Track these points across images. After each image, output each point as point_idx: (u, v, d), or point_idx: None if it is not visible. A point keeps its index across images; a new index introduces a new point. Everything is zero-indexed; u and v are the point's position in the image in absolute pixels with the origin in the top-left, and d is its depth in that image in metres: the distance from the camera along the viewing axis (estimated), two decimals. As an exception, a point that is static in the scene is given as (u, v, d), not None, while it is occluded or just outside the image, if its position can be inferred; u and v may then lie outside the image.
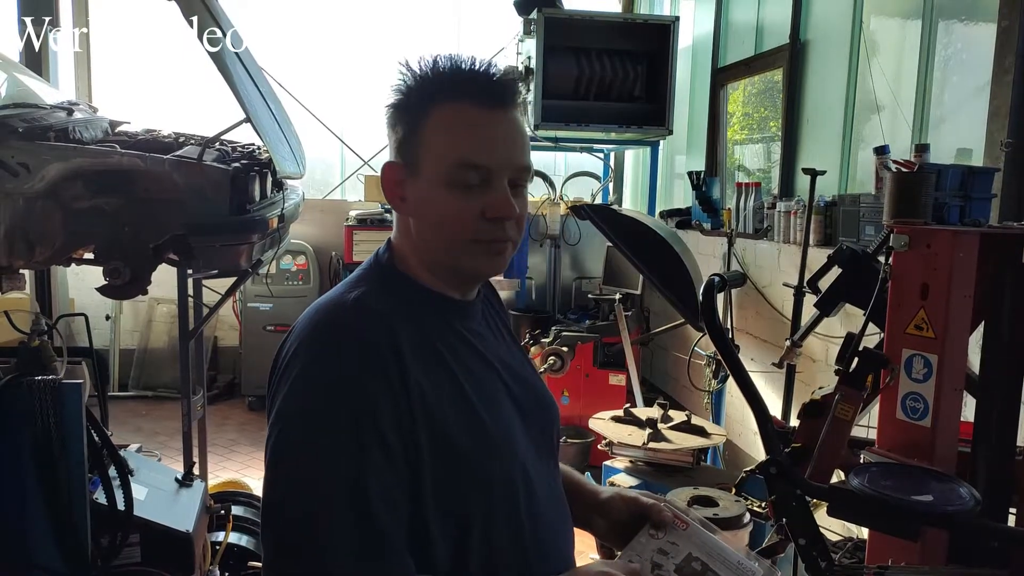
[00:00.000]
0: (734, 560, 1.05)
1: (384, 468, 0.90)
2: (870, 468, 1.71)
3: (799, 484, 1.64)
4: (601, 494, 1.18)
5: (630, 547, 1.08)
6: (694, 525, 1.09)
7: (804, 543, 1.60)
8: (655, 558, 1.06)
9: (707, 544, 1.06)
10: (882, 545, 1.84)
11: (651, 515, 1.10)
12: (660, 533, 1.09)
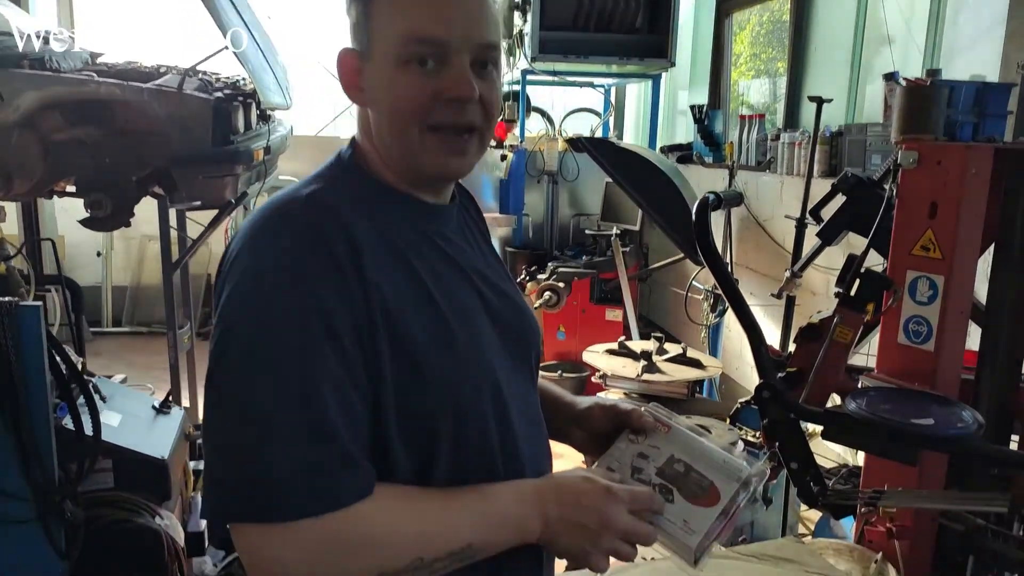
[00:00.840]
0: (719, 459, 0.98)
1: (339, 374, 0.81)
2: (868, 392, 1.64)
3: (792, 407, 1.57)
4: (579, 404, 1.10)
5: (608, 454, 1.01)
6: (676, 427, 1.02)
7: (796, 467, 1.54)
8: (635, 463, 0.99)
9: (690, 445, 0.99)
10: (878, 470, 1.78)
11: (631, 421, 1.03)
12: (640, 438, 1.02)
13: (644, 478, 0.97)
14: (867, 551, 1.78)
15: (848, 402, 1.58)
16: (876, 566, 1.72)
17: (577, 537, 0.90)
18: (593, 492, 0.91)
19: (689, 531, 0.92)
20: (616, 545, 0.90)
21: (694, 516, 0.93)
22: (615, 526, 0.90)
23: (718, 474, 0.96)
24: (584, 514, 0.90)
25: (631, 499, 0.92)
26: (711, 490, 0.95)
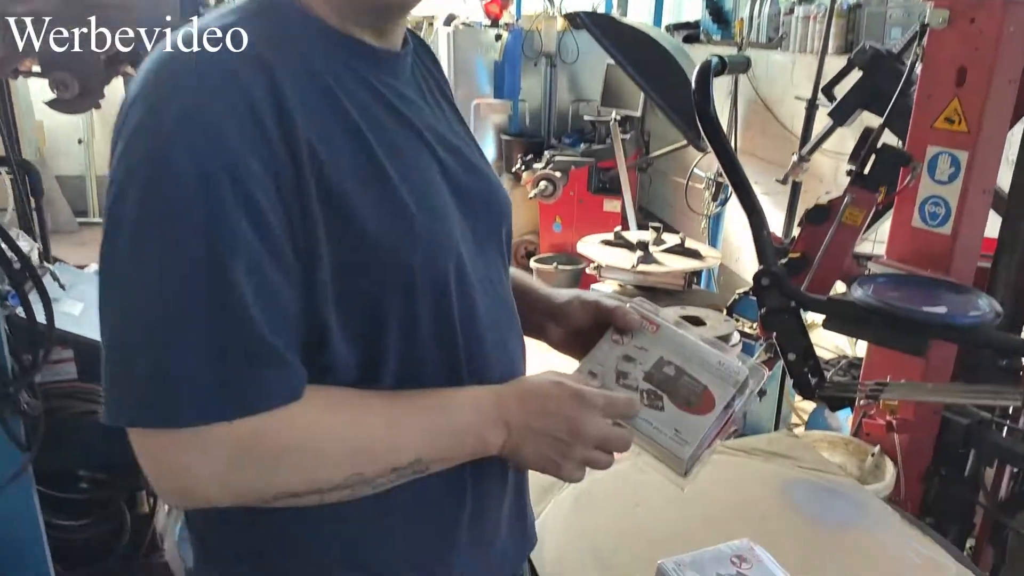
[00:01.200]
0: (713, 361, 0.85)
1: (256, 249, 0.66)
2: (876, 279, 1.52)
3: (793, 295, 1.45)
4: (556, 298, 0.96)
5: (590, 357, 0.88)
6: (666, 326, 0.88)
7: (794, 358, 1.43)
8: (620, 366, 0.86)
9: (681, 345, 0.86)
10: (880, 362, 1.68)
11: (615, 319, 0.89)
12: (625, 338, 0.89)
13: (630, 383, 0.85)
14: (863, 444, 1.70)
15: (854, 289, 1.45)
16: (872, 459, 1.65)
17: (545, 447, 0.78)
18: (562, 397, 0.79)
19: (681, 441, 0.81)
20: (589, 454, 0.79)
21: (686, 424, 0.82)
22: (587, 434, 0.78)
23: (713, 377, 0.84)
24: (551, 422, 0.78)
25: (605, 404, 0.80)
26: (705, 396, 0.83)
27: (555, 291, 0.98)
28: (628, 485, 0.79)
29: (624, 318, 0.89)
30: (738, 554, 0.94)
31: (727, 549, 0.95)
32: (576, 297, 0.94)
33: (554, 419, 0.78)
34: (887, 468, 1.63)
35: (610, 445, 0.80)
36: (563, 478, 0.79)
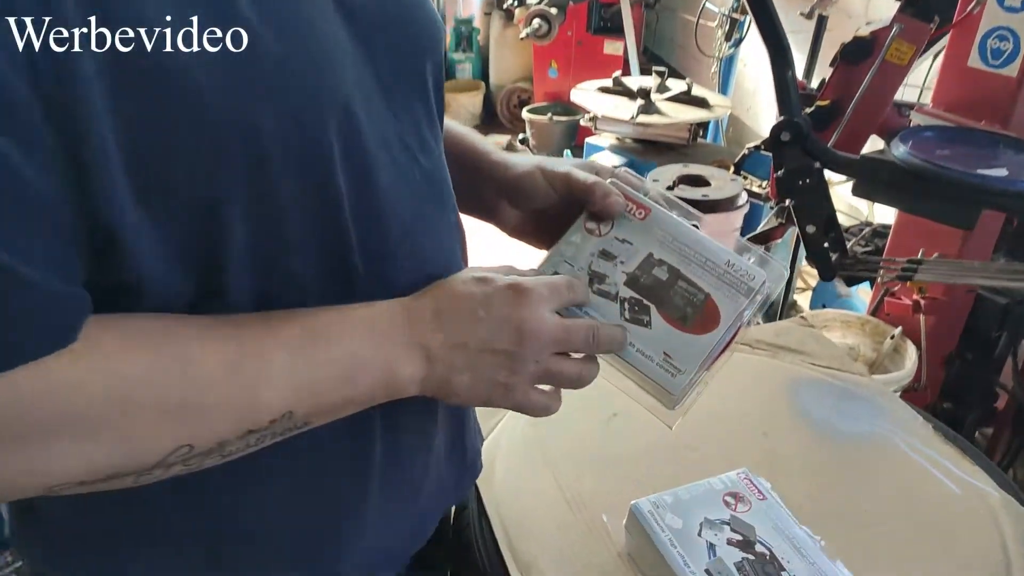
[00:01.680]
0: (721, 260, 0.61)
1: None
2: (921, 132, 1.24)
3: (819, 153, 1.18)
4: (512, 168, 0.69)
5: (554, 252, 0.64)
6: (658, 211, 0.63)
7: (814, 231, 1.19)
8: (595, 265, 0.62)
9: (678, 238, 0.62)
10: (910, 233, 1.44)
11: (591, 198, 0.64)
12: (603, 227, 0.64)
13: (608, 289, 0.61)
14: (883, 325, 1.49)
15: (894, 145, 1.18)
16: (892, 341, 1.45)
17: (485, 368, 0.54)
18: (492, 295, 0.55)
19: (672, 369, 0.58)
20: (549, 364, 0.56)
21: (680, 346, 0.59)
22: (538, 333, 0.55)
23: (719, 283, 0.60)
24: (486, 330, 0.54)
25: (551, 292, 0.57)
26: (707, 308, 0.60)
27: (511, 158, 0.71)
28: (601, 390, 0.57)
29: (603, 199, 0.63)
30: (733, 491, 0.75)
31: (719, 484, 0.76)
32: (539, 168, 0.67)
33: (488, 325, 0.54)
34: (908, 352, 1.43)
35: (574, 342, 0.57)
36: (521, 407, 0.57)
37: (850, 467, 0.86)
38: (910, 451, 0.89)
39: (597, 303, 0.59)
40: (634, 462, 0.85)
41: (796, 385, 1.00)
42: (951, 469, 0.87)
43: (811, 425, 0.92)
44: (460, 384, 0.54)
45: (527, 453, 0.86)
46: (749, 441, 0.89)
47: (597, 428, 0.91)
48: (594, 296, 0.60)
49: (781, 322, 1.12)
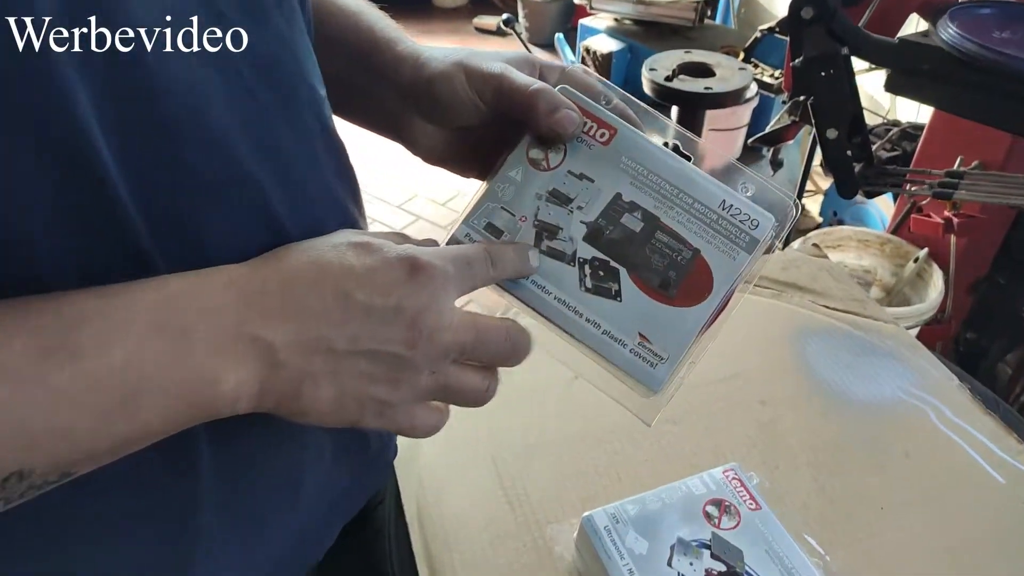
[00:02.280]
0: (714, 202, 0.44)
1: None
2: (975, 9, 0.99)
3: (847, 35, 0.94)
4: (425, 66, 0.46)
5: (485, 195, 0.44)
6: (626, 130, 0.44)
7: (836, 136, 0.96)
8: (543, 213, 0.44)
9: (656, 171, 0.44)
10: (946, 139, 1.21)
11: (532, 112, 0.43)
12: (552, 155, 0.45)
13: (561, 247, 0.42)
14: (906, 245, 1.29)
15: (942, 26, 0.94)
16: (916, 265, 1.25)
17: (355, 382, 0.36)
18: (378, 274, 0.36)
19: (651, 356, 0.41)
20: (449, 379, 0.38)
21: (661, 325, 0.42)
22: (442, 337, 0.37)
23: (711, 234, 0.42)
24: (363, 325, 0.36)
25: (461, 271, 0.38)
26: (696, 270, 0.42)
27: (427, 52, 0.48)
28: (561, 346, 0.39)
29: (549, 115, 0.43)
30: (717, 497, 0.57)
31: (700, 487, 0.58)
32: (461, 66, 0.45)
33: (367, 316, 0.35)
34: (933, 279, 1.23)
35: (487, 349, 0.39)
36: (400, 430, 0.39)
37: (866, 448, 0.69)
38: (942, 424, 0.71)
39: (547, 268, 0.41)
40: (598, 442, 0.68)
41: (804, 336, 0.81)
42: (992, 450, 0.69)
43: (820, 390, 0.74)
44: (316, 400, 0.35)
45: (464, 430, 0.69)
46: (743, 412, 0.71)
47: (555, 395, 0.72)
48: (543, 258, 0.42)
49: (789, 251, 0.92)
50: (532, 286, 0.41)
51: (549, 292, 0.41)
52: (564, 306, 0.41)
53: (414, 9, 4.24)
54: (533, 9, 3.66)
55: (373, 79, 0.48)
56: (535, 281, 0.41)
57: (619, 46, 2.48)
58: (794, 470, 0.66)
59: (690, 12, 2.46)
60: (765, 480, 0.64)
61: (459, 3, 4.30)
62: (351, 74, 0.49)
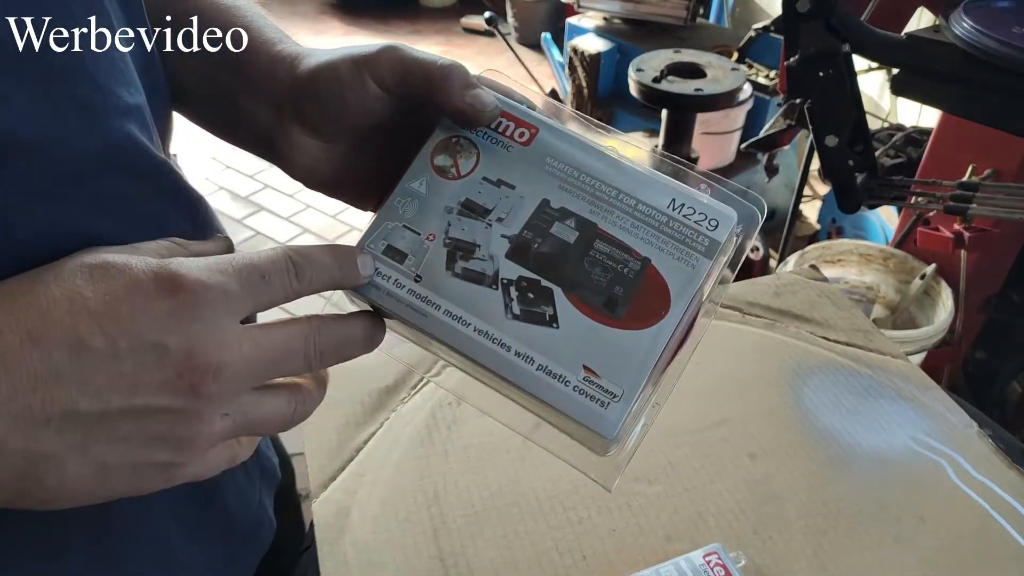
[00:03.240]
0: (661, 201, 0.36)
1: None
2: (991, 1, 0.89)
3: (848, 30, 0.84)
4: (305, 61, 0.37)
5: (383, 212, 0.36)
6: (548, 127, 0.35)
7: (836, 144, 0.86)
8: (455, 229, 0.35)
9: (588, 171, 0.36)
10: (953, 141, 1.11)
11: (446, 86, 0.33)
12: (463, 161, 0.36)
13: (477, 267, 0.35)
14: (911, 260, 1.19)
15: (955, 19, 0.84)
16: (923, 282, 1.15)
17: (121, 451, 0.27)
18: (124, 302, 0.27)
19: (601, 394, 0.33)
20: (248, 414, 0.30)
21: (610, 353, 0.33)
22: (230, 371, 0.28)
23: (661, 239, 0.34)
24: (113, 378, 0.26)
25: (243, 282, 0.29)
26: (647, 282, 0.34)
27: (306, 49, 0.39)
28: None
29: (465, 88, 0.34)
30: (694, 590, 0.47)
31: (676, 575, 0.48)
32: (347, 55, 0.35)
33: (116, 364, 0.26)
34: (941, 296, 1.13)
35: (289, 361, 0.31)
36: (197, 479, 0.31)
37: (875, 513, 0.59)
38: (961, 481, 0.61)
39: (463, 294, 0.34)
40: (560, 507, 0.57)
41: (801, 375, 0.70)
42: (1020, 512, 0.59)
43: (821, 441, 0.64)
44: (65, 482, 0.27)
45: (405, 491, 0.58)
46: (730, 468, 0.61)
47: (512, 449, 0.62)
48: (458, 282, 0.34)
49: (784, 273, 0.81)
50: (445, 317, 0.33)
51: (467, 323, 0.33)
52: (487, 339, 0.33)
53: (401, 9, 4.16)
54: (522, 8, 3.57)
55: (242, 85, 0.38)
56: (449, 311, 0.33)
57: (608, 46, 2.38)
58: (790, 541, 0.56)
59: (682, 10, 2.36)
60: (756, 557, 0.54)
61: (447, 3, 4.20)
62: (216, 80, 0.39)
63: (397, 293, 0.34)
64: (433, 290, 0.34)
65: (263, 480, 0.54)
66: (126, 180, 0.32)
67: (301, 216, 2.54)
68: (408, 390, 0.68)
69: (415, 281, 0.34)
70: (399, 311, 0.34)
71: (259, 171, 2.75)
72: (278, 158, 0.38)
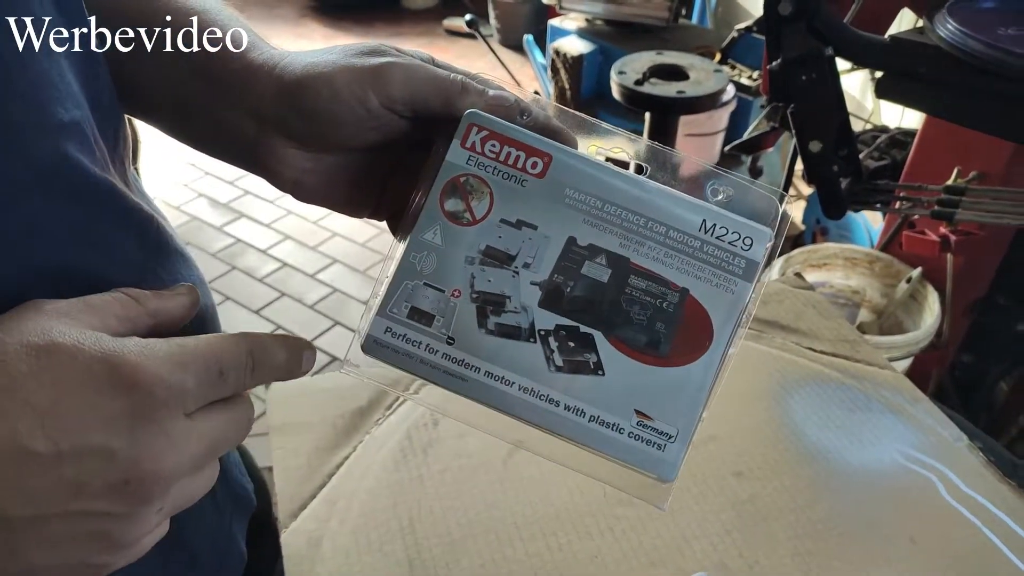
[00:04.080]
0: (691, 225, 0.34)
1: None
2: (978, 2, 0.88)
3: (832, 34, 0.82)
4: (290, 68, 0.34)
5: (400, 271, 0.34)
6: (562, 153, 0.34)
7: (820, 149, 0.85)
8: (480, 282, 0.33)
9: (612, 200, 0.33)
10: (938, 143, 1.10)
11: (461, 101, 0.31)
12: (476, 204, 0.35)
13: (511, 320, 0.32)
14: (897, 263, 1.18)
15: (940, 21, 0.83)
16: (910, 286, 1.13)
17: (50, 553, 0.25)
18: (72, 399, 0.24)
19: (656, 436, 0.32)
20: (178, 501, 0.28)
21: (660, 392, 0.32)
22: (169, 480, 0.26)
23: (697, 266, 0.33)
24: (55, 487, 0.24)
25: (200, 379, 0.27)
26: (688, 314, 0.33)
27: (286, 54, 0.36)
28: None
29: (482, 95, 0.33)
30: (678, 623, 0.45)
31: (657, 607, 0.46)
32: (346, 71, 0.33)
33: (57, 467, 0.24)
34: (928, 300, 1.12)
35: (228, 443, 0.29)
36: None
37: (865, 533, 0.57)
38: (951, 498, 0.60)
39: (500, 351, 0.32)
40: (540, 533, 0.55)
41: (788, 388, 0.69)
42: (1014, 530, 0.57)
43: (808, 458, 0.62)
44: None
45: (378, 519, 0.56)
46: (715, 488, 0.59)
47: (490, 472, 0.60)
48: (493, 339, 0.32)
49: (770, 282, 0.80)
50: (487, 379, 0.32)
51: (511, 383, 0.32)
52: (535, 397, 0.32)
53: (383, 11, 4.13)
54: (504, 10, 3.55)
55: (218, 96, 0.36)
56: (490, 372, 0.32)
57: (590, 48, 2.37)
58: (778, 565, 0.54)
59: (664, 11, 2.35)
60: (742, 583, 0.52)
61: (429, 4, 4.18)
62: (189, 92, 0.36)
63: (431, 360, 0.32)
64: (469, 352, 0.32)
65: (235, 510, 0.52)
66: (64, 204, 0.29)
67: (282, 222, 2.51)
68: (383, 411, 0.65)
69: (448, 344, 0.32)
70: (436, 379, 0.32)
71: (239, 177, 2.71)
72: (262, 170, 0.36)
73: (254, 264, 2.33)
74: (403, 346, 0.32)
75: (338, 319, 2.14)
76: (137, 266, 0.34)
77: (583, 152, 0.34)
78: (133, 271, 0.33)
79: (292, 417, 0.64)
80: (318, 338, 2.07)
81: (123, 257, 0.32)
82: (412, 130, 0.34)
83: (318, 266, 2.33)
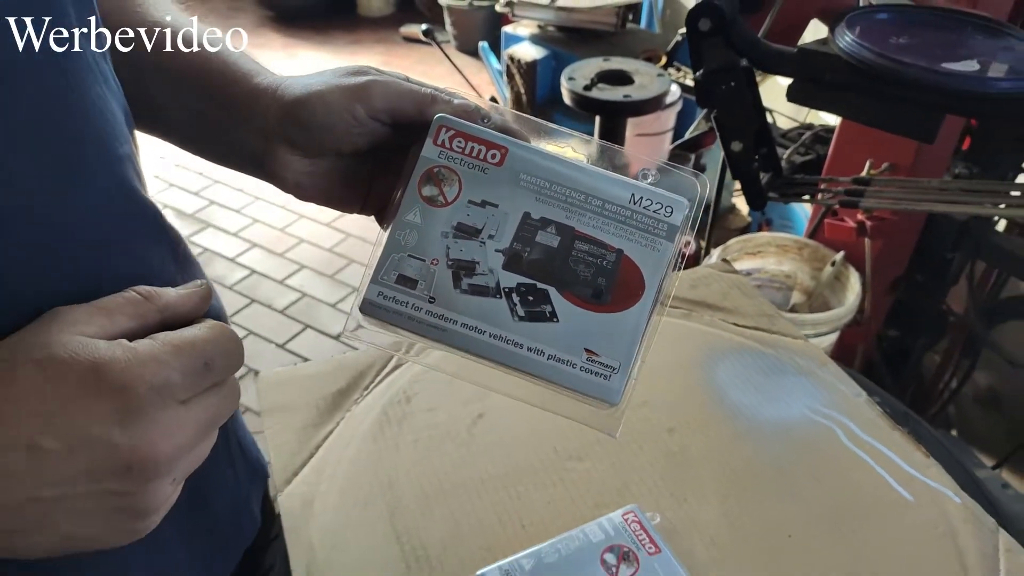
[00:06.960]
0: (622, 197, 0.42)
1: None
2: (872, 15, 0.99)
3: (744, 47, 0.93)
4: (289, 89, 0.42)
5: (389, 244, 0.42)
6: (515, 146, 0.44)
7: (740, 149, 0.95)
8: (455, 251, 0.42)
9: (557, 181, 0.42)
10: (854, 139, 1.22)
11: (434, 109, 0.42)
12: (447, 188, 0.44)
13: (481, 281, 0.41)
14: (822, 249, 1.30)
15: (839, 33, 0.94)
16: (833, 269, 1.25)
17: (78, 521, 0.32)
18: (77, 402, 0.30)
19: (603, 369, 0.41)
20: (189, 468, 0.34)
21: (604, 334, 0.41)
22: (167, 462, 0.32)
23: (629, 231, 0.41)
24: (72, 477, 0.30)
25: (186, 371, 0.33)
26: (624, 270, 0.41)
27: (286, 78, 0.44)
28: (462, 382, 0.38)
29: (455, 111, 0.42)
30: (615, 543, 0.55)
31: (598, 533, 0.55)
32: (336, 90, 0.41)
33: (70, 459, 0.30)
34: (850, 281, 1.24)
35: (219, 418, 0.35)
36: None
37: (776, 474, 0.67)
38: (850, 442, 0.70)
39: (474, 306, 0.40)
40: (501, 486, 0.64)
41: (713, 357, 0.79)
42: (902, 467, 0.68)
43: (730, 414, 0.72)
44: (35, 548, 0.31)
45: (361, 481, 0.65)
46: (651, 442, 0.69)
47: (456, 438, 0.69)
48: (467, 297, 0.40)
49: (699, 269, 0.90)
50: (463, 329, 0.40)
51: (483, 331, 0.40)
52: (502, 342, 0.40)
53: (340, 19, 4.17)
54: (459, 17, 3.63)
55: (230, 115, 0.44)
56: (465, 324, 0.40)
57: (543, 54, 2.47)
58: (702, 501, 0.64)
59: (612, 17, 2.46)
60: (671, 516, 0.62)
61: (385, 12, 4.24)
62: (204, 112, 0.44)
63: (417, 316, 0.40)
64: (447, 308, 0.40)
65: (252, 480, 0.60)
66: (126, 225, 0.37)
67: (249, 231, 2.56)
68: (361, 391, 0.74)
69: (430, 303, 0.40)
70: (422, 331, 0.40)
71: (204, 187, 2.75)
72: (268, 176, 0.44)
73: (222, 272, 2.38)
74: (393, 306, 0.40)
75: (308, 323, 2.20)
76: (170, 277, 0.41)
77: (533, 144, 0.44)
78: (167, 282, 0.40)
79: (280, 400, 0.72)
80: (290, 341, 2.14)
81: (162, 268, 0.39)
82: (393, 136, 0.43)
83: (286, 272, 2.39)
